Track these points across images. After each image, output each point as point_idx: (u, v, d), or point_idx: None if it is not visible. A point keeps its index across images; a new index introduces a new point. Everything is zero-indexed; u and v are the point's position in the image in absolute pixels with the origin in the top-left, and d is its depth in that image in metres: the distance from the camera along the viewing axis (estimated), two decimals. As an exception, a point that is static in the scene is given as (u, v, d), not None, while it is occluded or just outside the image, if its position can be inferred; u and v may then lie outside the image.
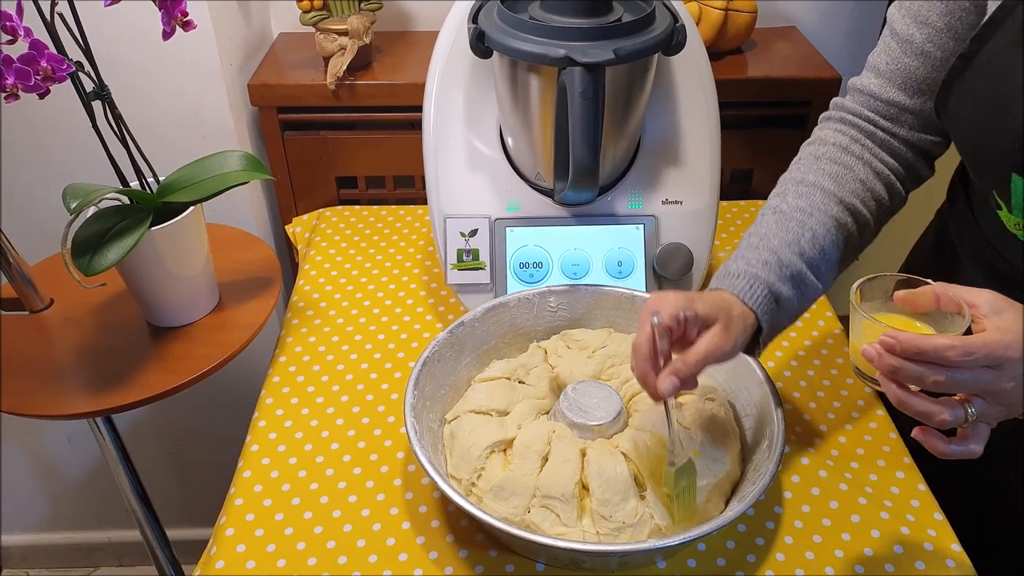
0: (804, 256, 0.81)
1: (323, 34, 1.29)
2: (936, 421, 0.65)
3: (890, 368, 0.65)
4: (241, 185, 0.95)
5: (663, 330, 0.73)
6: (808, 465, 0.92)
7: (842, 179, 0.86)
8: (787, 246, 0.82)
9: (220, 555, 0.83)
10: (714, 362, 0.74)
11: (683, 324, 0.73)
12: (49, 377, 0.97)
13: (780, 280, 0.80)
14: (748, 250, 0.83)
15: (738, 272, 0.80)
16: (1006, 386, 0.64)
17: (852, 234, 0.86)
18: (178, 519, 1.75)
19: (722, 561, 0.82)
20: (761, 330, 0.79)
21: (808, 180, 0.87)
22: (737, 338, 0.76)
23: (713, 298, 0.77)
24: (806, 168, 0.88)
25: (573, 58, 0.87)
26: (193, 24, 0.83)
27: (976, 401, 0.65)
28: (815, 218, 0.83)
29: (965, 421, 0.65)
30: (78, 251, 0.86)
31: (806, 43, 1.44)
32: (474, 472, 0.82)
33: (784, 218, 0.84)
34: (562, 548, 0.73)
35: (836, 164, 0.87)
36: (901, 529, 0.85)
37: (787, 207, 0.85)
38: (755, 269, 0.80)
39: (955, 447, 0.67)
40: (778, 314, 0.80)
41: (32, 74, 0.75)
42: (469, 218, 1.06)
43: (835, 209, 0.84)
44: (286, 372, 1.04)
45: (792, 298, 0.81)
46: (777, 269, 0.80)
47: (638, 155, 1.08)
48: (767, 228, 0.84)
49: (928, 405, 0.65)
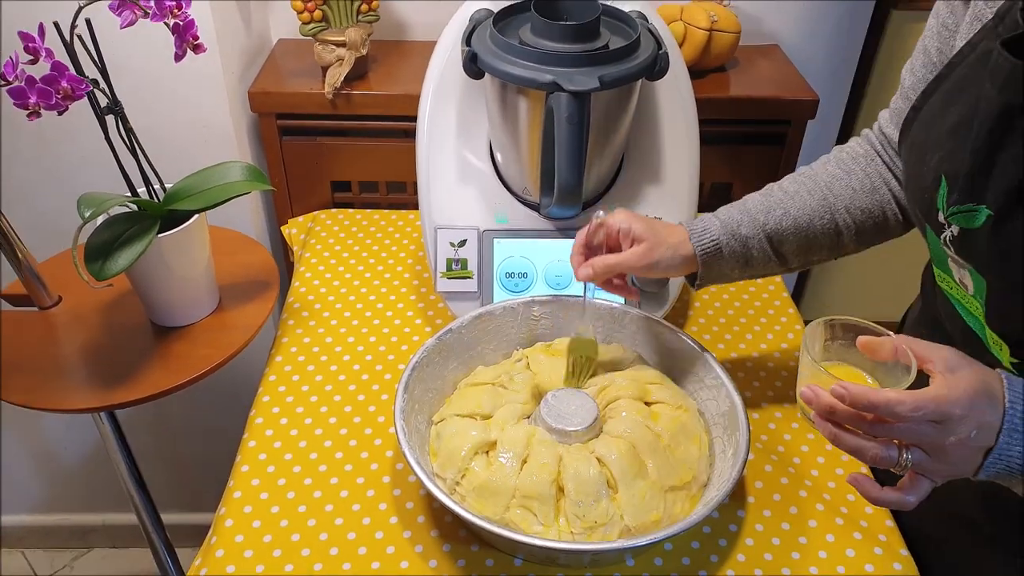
0: (766, 228, 0.92)
1: (321, 45, 1.34)
2: (868, 457, 0.67)
3: (827, 409, 0.68)
4: (244, 195, 1.00)
5: (596, 225, 0.92)
6: (771, 472, 0.98)
7: (836, 181, 0.94)
8: (758, 213, 0.93)
9: (219, 544, 0.89)
10: (623, 271, 0.92)
11: (617, 233, 0.92)
12: (56, 372, 1.02)
13: (731, 236, 0.92)
14: (728, 207, 0.95)
15: (703, 217, 0.95)
16: (946, 442, 0.65)
17: (827, 232, 0.93)
18: (171, 504, 1.80)
19: (687, 560, 0.88)
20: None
21: (808, 172, 0.97)
22: (658, 261, 0.90)
23: (658, 225, 0.93)
24: (818, 164, 0.98)
25: (560, 84, 0.92)
26: (204, 47, 0.88)
27: (915, 451, 0.66)
28: (795, 203, 0.93)
29: (897, 463, 0.67)
30: (91, 256, 0.91)
31: (788, 62, 1.50)
32: (458, 472, 0.87)
33: (769, 193, 0.95)
34: (539, 546, 0.79)
35: (838, 168, 0.95)
36: (854, 534, 0.91)
37: (777, 186, 0.96)
38: (715, 219, 0.93)
39: (890, 495, 0.69)
40: (719, 263, 0.93)
41: (53, 94, 0.80)
42: (458, 229, 1.11)
43: (816, 204, 0.92)
44: (282, 372, 1.09)
45: (738, 255, 0.93)
46: (735, 227, 0.92)
47: (621, 171, 1.13)
48: (753, 197, 0.96)
49: (860, 442, 0.68)
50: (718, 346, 1.15)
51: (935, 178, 0.75)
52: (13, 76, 0.79)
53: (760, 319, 1.20)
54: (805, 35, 1.54)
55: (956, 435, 0.65)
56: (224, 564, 0.87)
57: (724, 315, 1.21)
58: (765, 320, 1.20)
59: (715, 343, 1.16)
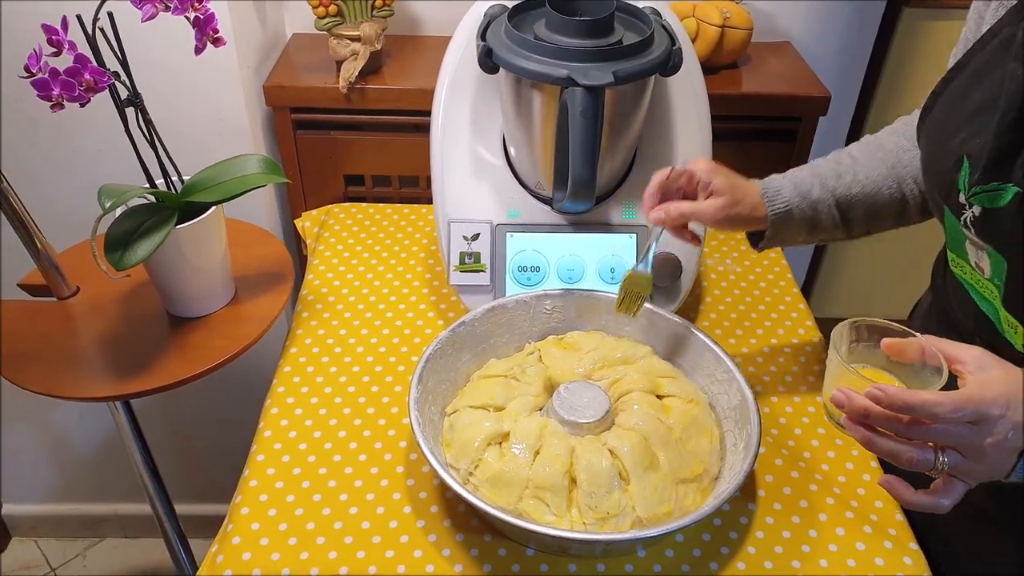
0: (836, 193, 0.94)
1: (336, 39, 1.35)
2: (904, 461, 0.67)
3: (861, 412, 0.67)
4: (260, 188, 1.01)
5: (678, 172, 0.93)
6: (781, 466, 0.98)
7: (904, 152, 0.94)
8: (828, 178, 0.94)
9: (236, 532, 0.90)
10: (697, 220, 0.92)
11: (696, 183, 0.93)
12: (74, 361, 1.04)
13: (802, 199, 0.93)
14: (799, 169, 0.97)
15: (773, 178, 0.96)
16: (983, 443, 0.64)
17: (894, 201, 0.94)
18: (183, 494, 1.81)
19: (698, 552, 0.89)
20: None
21: (875, 141, 0.98)
22: (733, 218, 0.92)
23: (738, 182, 0.93)
24: (883, 133, 0.99)
25: (575, 79, 0.93)
26: (223, 40, 0.89)
27: (951, 453, 0.66)
28: (864, 170, 0.94)
29: (933, 467, 0.66)
30: (110, 247, 0.92)
31: (799, 59, 1.50)
32: (471, 463, 0.89)
33: (839, 159, 0.97)
34: (551, 535, 0.80)
35: (905, 138, 0.96)
36: (864, 528, 0.91)
37: (846, 153, 0.97)
38: (787, 181, 0.95)
39: (923, 498, 0.68)
40: (788, 226, 0.94)
41: (76, 86, 0.81)
42: (472, 223, 1.12)
43: (886, 172, 0.94)
44: (297, 362, 1.10)
45: (808, 219, 0.94)
46: (806, 191, 0.94)
47: (633, 167, 1.14)
48: (822, 162, 0.97)
49: (896, 445, 0.67)
50: (729, 341, 1.16)
51: (957, 159, 0.76)
52: (37, 68, 0.80)
53: (771, 314, 1.21)
54: (817, 32, 1.54)
55: (993, 436, 0.64)
56: (240, 551, 0.88)
57: (735, 310, 1.21)
58: (776, 315, 1.20)
59: (726, 337, 1.16)
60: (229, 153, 1.05)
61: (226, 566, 0.87)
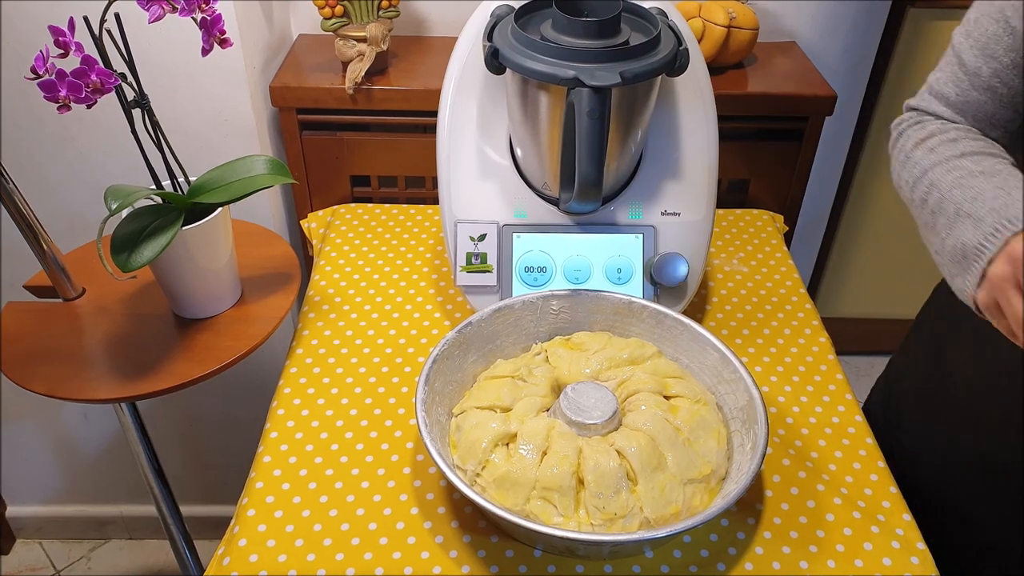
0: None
1: (342, 40, 1.35)
2: None
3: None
4: (266, 189, 1.01)
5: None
6: (788, 466, 0.98)
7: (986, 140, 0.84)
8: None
9: (242, 534, 0.90)
10: None
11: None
12: (81, 363, 1.04)
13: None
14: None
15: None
16: None
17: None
18: (189, 496, 1.82)
19: (705, 553, 0.89)
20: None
21: (967, 151, 0.82)
22: None
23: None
24: (949, 149, 0.83)
25: (581, 79, 0.93)
26: (230, 42, 0.89)
27: None
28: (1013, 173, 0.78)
29: None
30: (116, 248, 0.92)
31: (805, 59, 1.50)
32: (479, 464, 0.88)
33: (993, 173, 0.78)
34: (559, 536, 0.80)
35: (977, 136, 0.85)
36: (871, 528, 0.91)
37: (980, 167, 0.79)
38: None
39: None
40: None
41: (83, 87, 0.81)
42: (478, 223, 1.12)
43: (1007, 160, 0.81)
44: (303, 363, 1.10)
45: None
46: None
47: (640, 168, 1.14)
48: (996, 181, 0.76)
49: None
50: (736, 341, 1.16)
51: None
52: (44, 69, 0.80)
53: (777, 313, 1.21)
54: (823, 32, 1.54)
55: None
56: (247, 553, 0.88)
57: (742, 310, 1.21)
58: (783, 315, 1.20)
59: (733, 338, 1.16)
60: (235, 154, 1.05)
61: (232, 568, 0.87)
